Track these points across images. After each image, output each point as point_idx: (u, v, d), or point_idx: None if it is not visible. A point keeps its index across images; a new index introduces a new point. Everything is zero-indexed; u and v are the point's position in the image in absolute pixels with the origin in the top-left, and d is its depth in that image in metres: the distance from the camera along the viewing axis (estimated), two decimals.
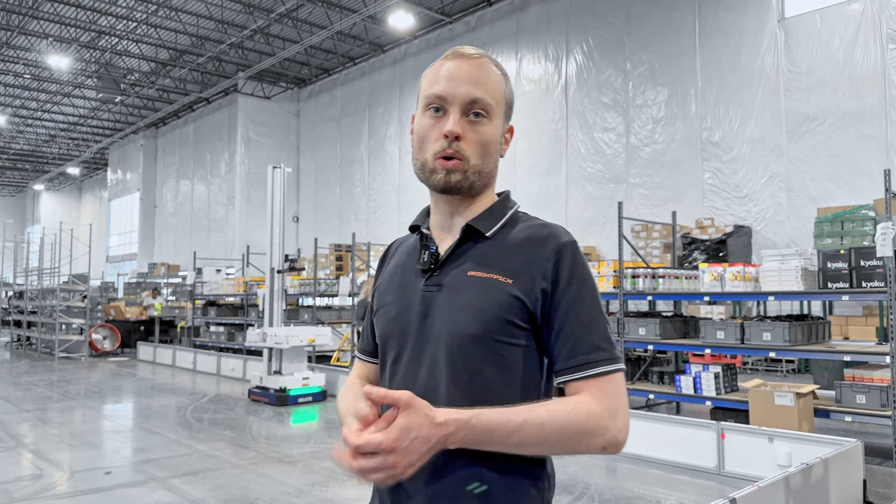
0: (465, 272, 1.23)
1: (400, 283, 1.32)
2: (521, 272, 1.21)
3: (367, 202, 18.73)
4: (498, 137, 1.28)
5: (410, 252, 1.35)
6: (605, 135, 14.13)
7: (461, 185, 1.24)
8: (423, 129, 1.26)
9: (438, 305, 1.23)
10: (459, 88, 1.23)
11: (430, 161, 1.24)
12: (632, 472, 5.72)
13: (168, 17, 16.99)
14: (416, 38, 17.81)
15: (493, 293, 1.19)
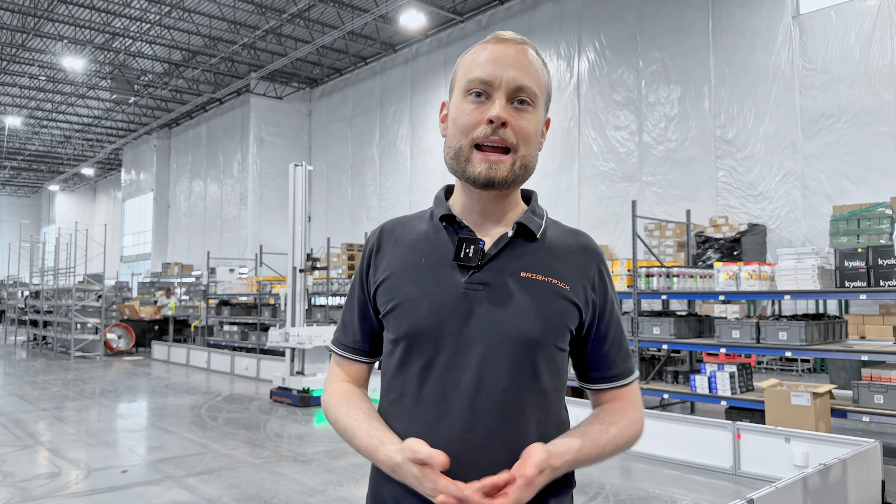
0: (517, 272, 1.19)
1: (428, 276, 1.20)
2: (573, 279, 1.22)
3: (378, 201, 18.76)
4: (540, 129, 1.23)
5: (435, 242, 1.23)
6: (618, 133, 14.07)
7: (505, 180, 1.17)
8: (462, 114, 1.18)
9: (486, 306, 1.16)
10: (507, 73, 1.16)
11: (467, 149, 1.17)
12: (647, 472, 5.70)
13: (181, 19, 17.10)
14: (428, 37, 17.81)
15: (555, 298, 1.19)
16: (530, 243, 1.23)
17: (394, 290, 1.22)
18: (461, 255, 1.18)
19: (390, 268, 1.24)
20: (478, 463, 1.12)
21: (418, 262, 1.22)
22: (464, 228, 1.22)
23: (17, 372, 12.71)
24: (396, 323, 1.20)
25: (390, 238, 1.29)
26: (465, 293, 1.17)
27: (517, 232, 1.22)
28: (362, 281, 1.30)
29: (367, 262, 1.29)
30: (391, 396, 1.23)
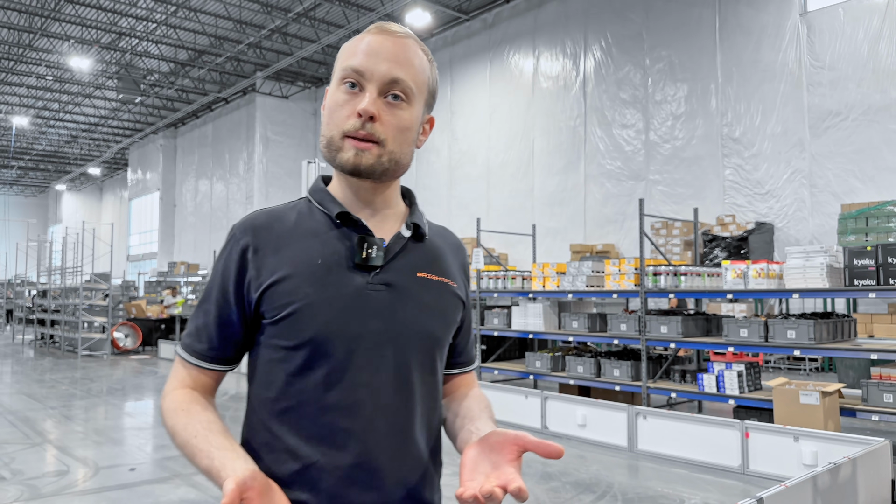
0: (414, 272, 1.20)
1: (326, 277, 1.13)
2: (457, 276, 1.28)
3: None
4: (416, 125, 1.20)
5: (327, 240, 1.17)
6: (624, 131, 14.04)
7: (373, 170, 1.14)
8: (334, 104, 1.16)
9: (391, 307, 1.15)
10: (379, 65, 1.13)
11: (338, 138, 1.14)
12: (654, 471, 5.68)
13: (187, 18, 17.13)
14: (433, 35, 17.80)
15: (448, 297, 1.24)
16: (420, 243, 1.24)
17: (290, 293, 1.13)
18: (363, 256, 1.15)
19: (280, 269, 1.14)
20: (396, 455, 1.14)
21: (313, 263, 1.15)
22: (360, 227, 1.18)
23: (24, 370, 12.77)
24: (296, 328, 1.12)
25: (267, 235, 1.18)
26: (370, 294, 1.15)
27: (412, 232, 1.23)
28: (226, 284, 1.17)
29: (241, 263, 1.17)
30: (282, 405, 1.14)
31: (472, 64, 17.12)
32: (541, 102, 15.61)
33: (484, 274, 9.34)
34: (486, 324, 9.15)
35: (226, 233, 1.28)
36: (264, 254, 1.16)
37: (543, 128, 15.52)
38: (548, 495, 4.97)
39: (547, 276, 8.68)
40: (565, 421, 6.96)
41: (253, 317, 1.17)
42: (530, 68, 15.88)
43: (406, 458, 1.16)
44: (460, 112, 17.20)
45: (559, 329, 8.53)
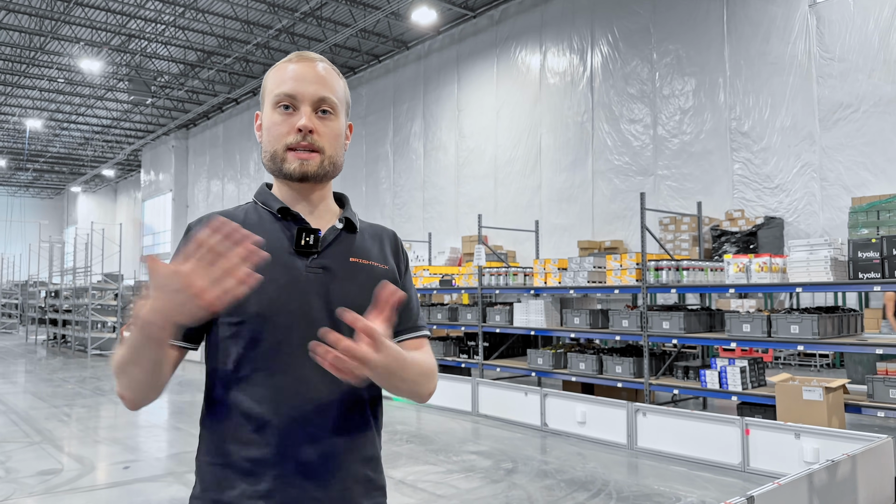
0: (347, 258, 1.39)
1: (271, 262, 1.27)
2: (389, 259, 1.47)
3: (392, 199, 18.74)
4: (343, 132, 1.43)
5: (271, 232, 1.36)
6: (632, 126, 13.88)
7: (317, 174, 1.37)
8: (274, 125, 1.37)
9: (328, 286, 1.34)
10: (308, 88, 1.35)
11: (281, 152, 1.36)
12: (653, 468, 5.58)
13: (195, 19, 17.20)
14: (440, 33, 17.73)
15: (377, 277, 1.40)
16: (353, 234, 1.44)
17: None
18: (302, 243, 1.35)
19: None
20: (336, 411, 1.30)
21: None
22: (299, 220, 1.38)
23: (34, 370, 12.88)
24: (244, 305, 1.27)
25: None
26: (308, 275, 1.34)
27: (344, 225, 1.43)
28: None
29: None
30: (242, 373, 1.30)
31: (478, 61, 17.03)
32: (548, 99, 15.48)
33: (486, 271, 9.26)
34: (487, 321, 9.07)
35: None
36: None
37: (551, 124, 15.40)
38: (541, 493, 4.89)
39: (548, 272, 8.59)
40: (565, 418, 6.87)
41: None
42: (537, 64, 15.76)
43: (345, 412, 1.31)
44: (467, 110, 17.12)
45: (561, 325, 8.44)
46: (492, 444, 6.48)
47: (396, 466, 5.63)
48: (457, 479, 5.24)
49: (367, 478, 1.35)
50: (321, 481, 1.28)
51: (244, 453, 1.27)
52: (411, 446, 6.37)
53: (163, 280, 1.05)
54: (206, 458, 1.33)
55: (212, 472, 1.31)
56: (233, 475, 1.28)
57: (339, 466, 1.30)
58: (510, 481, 5.19)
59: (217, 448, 1.31)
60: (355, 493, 1.32)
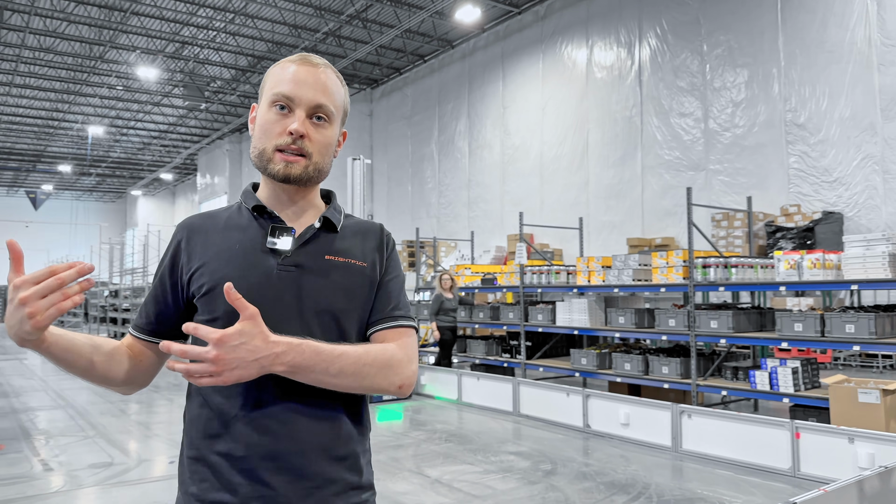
0: (322, 256, 1.38)
1: (242, 259, 1.34)
2: (368, 255, 1.44)
3: (437, 198, 18.75)
4: (335, 141, 1.44)
5: (247, 230, 1.38)
6: (682, 120, 13.53)
7: (300, 178, 1.37)
8: (267, 123, 1.37)
9: (299, 284, 1.34)
10: (306, 92, 1.36)
11: (269, 151, 1.36)
12: (697, 472, 5.40)
13: (245, 25, 17.58)
14: (485, 31, 17.65)
15: (354, 275, 1.40)
16: (332, 234, 1.43)
17: (210, 273, 1.34)
18: (274, 241, 1.35)
19: (205, 255, 1.36)
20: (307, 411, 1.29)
21: (232, 248, 1.36)
22: (275, 218, 1.39)
23: None
24: (215, 303, 1.31)
25: (199, 230, 1.41)
26: (279, 273, 1.34)
27: (323, 224, 1.42)
28: (163, 271, 1.41)
29: (175, 253, 1.40)
30: None
31: (524, 58, 16.88)
32: (595, 93, 15.23)
33: (528, 269, 9.16)
34: (529, 320, 8.97)
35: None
36: (195, 244, 1.39)
37: (598, 119, 15.14)
38: (579, 495, 4.79)
39: (592, 270, 8.43)
40: (608, 420, 6.73)
41: (187, 299, 1.39)
42: (584, 59, 15.52)
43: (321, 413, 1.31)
44: (512, 107, 17.00)
45: (605, 325, 8.27)
46: (532, 444, 6.40)
47: (433, 465, 5.61)
48: (494, 480, 5.18)
49: (340, 477, 1.32)
50: (289, 478, 1.27)
51: (213, 448, 1.29)
52: (449, 445, 6.34)
53: (10, 293, 1.13)
54: (184, 450, 1.36)
55: (187, 466, 1.33)
56: (203, 469, 1.30)
57: (307, 464, 1.28)
58: (548, 483, 5.11)
59: (191, 442, 1.34)
60: (326, 492, 1.30)
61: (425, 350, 11.27)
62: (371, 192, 21.54)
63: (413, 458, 5.89)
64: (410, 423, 7.59)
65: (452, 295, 10.00)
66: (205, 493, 1.28)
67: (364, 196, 9.45)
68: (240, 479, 1.26)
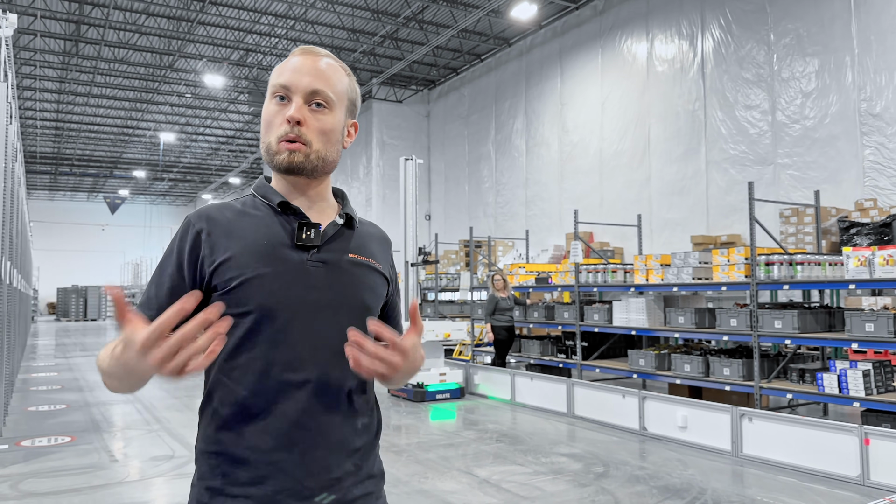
0: (346, 254, 1.41)
1: (272, 255, 1.33)
2: (382, 260, 1.49)
3: (494, 197, 18.67)
4: (339, 128, 1.41)
5: (272, 226, 1.37)
6: (748, 113, 13.02)
7: (304, 167, 1.36)
8: (269, 115, 1.38)
9: (328, 280, 1.36)
10: (302, 79, 1.35)
11: (274, 143, 1.36)
12: (758, 478, 5.17)
13: (305, 31, 17.97)
14: (542, 27, 17.48)
15: (375, 275, 1.45)
16: (351, 231, 1.45)
17: (240, 267, 1.32)
18: (303, 237, 1.36)
19: (230, 248, 1.34)
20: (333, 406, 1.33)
21: (260, 243, 1.34)
22: (299, 214, 1.39)
23: None
24: (245, 297, 1.30)
25: (219, 222, 1.38)
26: (308, 269, 1.35)
27: (344, 221, 1.44)
28: (181, 262, 1.35)
29: (194, 244, 1.35)
30: (234, 364, 1.32)
31: (582, 53, 16.62)
32: (656, 87, 14.84)
33: (583, 268, 9.00)
34: (585, 320, 8.81)
35: None
36: (216, 237, 1.35)
37: (659, 114, 14.75)
38: (630, 499, 4.66)
39: (650, 268, 8.21)
40: (665, 422, 6.53)
41: (205, 291, 1.35)
42: (644, 53, 15.15)
43: (343, 409, 1.34)
44: (570, 103, 16.76)
45: (664, 325, 8.04)
46: (585, 446, 6.27)
47: (483, 465, 5.57)
48: (543, 481, 5.10)
49: (358, 468, 1.37)
50: (310, 471, 1.29)
51: (236, 443, 1.29)
52: (500, 445, 6.29)
53: (126, 336, 1.08)
54: (201, 445, 1.35)
55: (206, 460, 1.33)
56: (225, 464, 1.29)
57: (328, 457, 1.31)
58: (599, 486, 4.99)
59: (211, 437, 1.33)
60: (346, 483, 1.34)
61: (480, 350, 11.23)
62: (429, 192, 21.64)
63: (463, 457, 5.87)
64: (463, 422, 7.57)
65: (507, 294, 9.93)
66: (227, 486, 1.28)
67: (416, 196, 9.48)
68: (262, 472, 1.27)
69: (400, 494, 4.81)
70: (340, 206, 1.49)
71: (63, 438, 6.62)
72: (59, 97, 22.82)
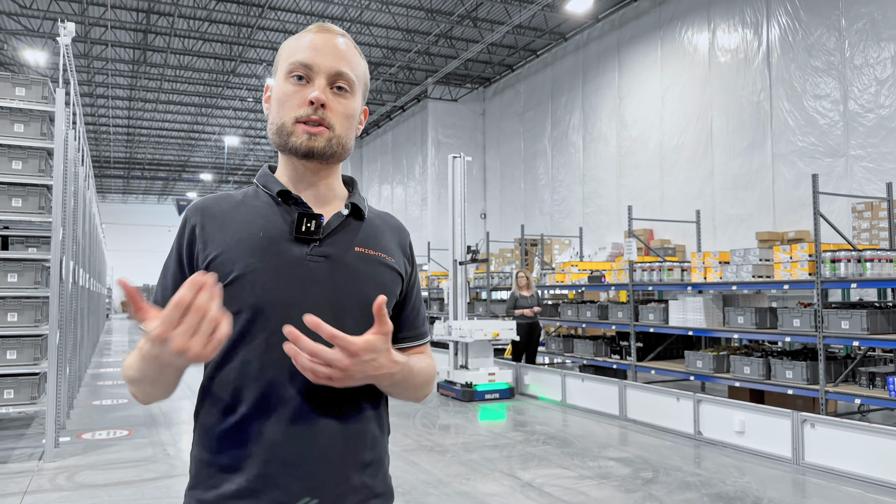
0: (351, 247, 1.30)
1: (268, 249, 1.24)
2: (395, 252, 1.38)
3: (550, 195, 18.39)
4: (358, 113, 1.33)
5: (270, 217, 1.28)
6: (818, 103, 12.38)
7: (324, 152, 1.27)
8: (284, 95, 1.27)
9: (329, 276, 1.26)
10: (326, 60, 1.26)
11: (290, 124, 1.26)
12: (819, 487, 4.86)
13: (361, 32, 18.15)
14: (599, 20, 17.11)
15: (385, 269, 1.33)
16: (359, 222, 1.34)
17: (231, 263, 1.23)
18: (302, 229, 1.25)
19: (223, 242, 1.26)
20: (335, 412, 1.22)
21: (255, 236, 1.25)
22: (301, 204, 1.28)
23: None
24: (238, 294, 1.21)
25: (213, 215, 1.30)
26: (308, 264, 1.25)
27: (350, 211, 1.33)
28: (181, 259, 1.29)
29: (190, 239, 1.29)
30: (232, 366, 1.23)
31: (640, 46, 16.19)
32: (718, 79, 14.30)
33: (637, 266, 8.72)
34: (640, 319, 8.53)
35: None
36: (211, 230, 1.28)
37: (722, 106, 14.20)
38: None
39: (708, 266, 7.88)
40: (721, 427, 6.24)
41: None
42: (705, 43, 14.63)
43: (346, 415, 1.24)
44: (629, 97, 16.34)
45: (723, 325, 7.70)
46: (635, 450, 6.05)
47: (527, 468, 5.44)
48: (588, 486, 4.94)
49: (364, 484, 1.26)
50: (310, 483, 1.19)
51: (229, 450, 1.20)
52: (547, 448, 6.14)
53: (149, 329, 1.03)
54: (195, 451, 1.27)
55: (198, 467, 1.25)
56: (217, 472, 1.21)
57: (333, 470, 1.21)
58: (646, 491, 4.79)
59: (205, 443, 1.24)
60: (350, 500, 1.23)
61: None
62: (484, 191, 21.53)
63: (507, 459, 5.75)
64: (511, 423, 7.44)
65: (530, 293, 9.78)
66: (219, 500, 1.20)
67: (465, 194, 9.41)
68: (254, 485, 1.18)
69: (440, 495, 4.75)
70: (349, 195, 1.38)
71: (121, 432, 6.85)
72: (129, 104, 23.82)
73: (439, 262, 16.25)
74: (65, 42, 6.11)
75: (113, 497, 4.73)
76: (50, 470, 5.40)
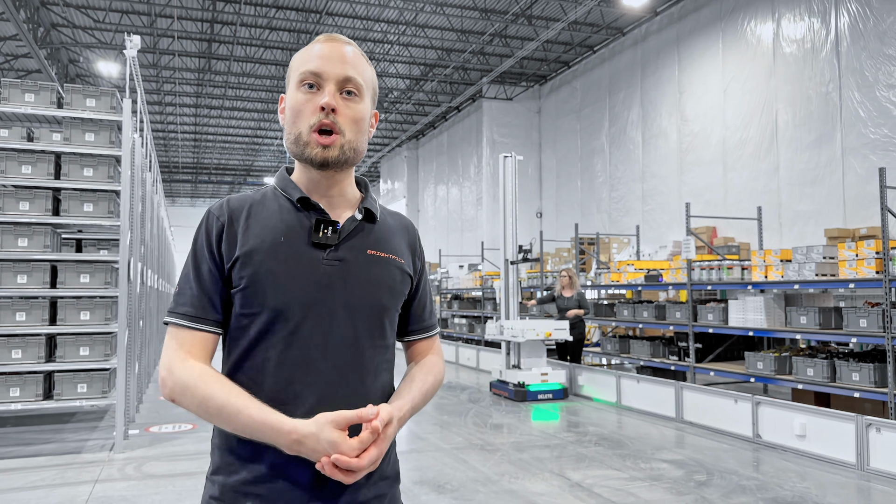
0: (364, 250, 1.38)
1: (288, 252, 1.31)
2: (406, 253, 1.47)
3: (609, 192, 18.11)
4: (368, 117, 1.40)
5: (290, 222, 1.35)
6: (891, 93, 11.80)
7: (338, 160, 1.33)
8: (297, 104, 1.34)
9: (346, 279, 1.33)
10: (334, 67, 1.34)
11: (305, 134, 1.32)
12: (885, 495, 4.65)
13: (416, 35, 18.32)
14: (657, 14, 16.75)
15: (395, 271, 1.42)
16: (372, 224, 1.42)
17: (256, 265, 1.30)
18: (320, 235, 1.33)
19: (248, 244, 1.32)
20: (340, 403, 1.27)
21: (277, 240, 1.32)
22: (319, 210, 1.36)
23: None
24: (259, 296, 1.29)
25: (240, 215, 1.36)
26: (325, 268, 1.32)
27: (364, 215, 1.41)
28: (212, 251, 1.34)
29: (219, 235, 1.34)
30: (248, 363, 1.32)
31: (700, 38, 15.77)
32: (784, 70, 13.79)
33: (696, 265, 8.52)
34: (699, 320, 8.33)
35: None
36: (235, 230, 1.35)
37: (788, 98, 13.69)
38: None
39: (769, 264, 7.63)
40: (781, 430, 6.04)
41: (227, 287, 1.35)
42: (769, 34, 14.13)
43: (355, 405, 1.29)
44: (689, 91, 15.94)
45: (785, 325, 7.44)
46: (690, 453, 5.93)
47: (577, 468, 5.41)
48: (638, 488, 4.87)
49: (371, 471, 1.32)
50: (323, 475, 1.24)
51: (247, 443, 1.27)
52: (599, 449, 6.07)
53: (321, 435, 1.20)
54: (216, 440, 1.36)
55: (219, 455, 1.33)
56: (236, 461, 1.30)
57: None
58: (699, 494, 4.70)
59: (224, 433, 1.32)
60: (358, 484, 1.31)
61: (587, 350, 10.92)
62: (540, 190, 21.39)
63: (557, 459, 5.73)
64: (563, 424, 7.39)
65: (571, 294, 9.64)
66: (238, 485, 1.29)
67: (516, 193, 9.38)
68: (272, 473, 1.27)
69: (487, 493, 4.77)
70: (362, 198, 1.46)
71: (186, 426, 7.14)
72: (195, 111, 24.73)
73: (493, 261, 16.24)
74: (131, 54, 6.42)
75: (176, 487, 4.95)
76: (119, 460, 5.69)
